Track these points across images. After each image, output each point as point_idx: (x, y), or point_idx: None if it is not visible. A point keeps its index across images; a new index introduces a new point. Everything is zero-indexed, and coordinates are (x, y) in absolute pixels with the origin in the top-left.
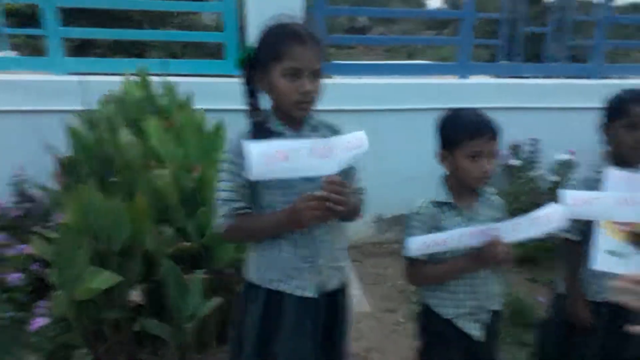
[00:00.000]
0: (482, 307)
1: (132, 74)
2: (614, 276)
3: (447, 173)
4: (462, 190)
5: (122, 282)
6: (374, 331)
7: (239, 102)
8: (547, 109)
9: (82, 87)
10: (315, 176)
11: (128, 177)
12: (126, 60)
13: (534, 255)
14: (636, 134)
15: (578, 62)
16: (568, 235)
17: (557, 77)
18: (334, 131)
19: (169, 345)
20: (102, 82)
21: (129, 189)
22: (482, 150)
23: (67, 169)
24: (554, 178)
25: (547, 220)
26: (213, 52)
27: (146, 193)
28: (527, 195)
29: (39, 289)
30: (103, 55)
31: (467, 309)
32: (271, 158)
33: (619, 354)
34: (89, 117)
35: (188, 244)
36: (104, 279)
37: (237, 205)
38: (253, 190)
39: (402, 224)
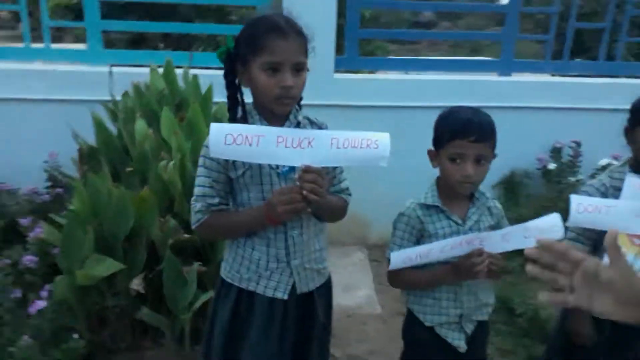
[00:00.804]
0: (466, 316)
1: (159, 66)
2: None
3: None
4: (451, 193)
5: (125, 270)
6: (380, 334)
7: None
8: (594, 109)
9: (110, 78)
10: (285, 165)
11: (141, 168)
12: (160, 52)
13: None
14: None
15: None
16: (577, 245)
17: (611, 76)
18: (319, 129)
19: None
20: (133, 74)
21: (141, 180)
22: (464, 153)
23: (88, 158)
24: None
25: (541, 230)
26: None
27: (154, 184)
28: (565, 202)
29: (53, 273)
30: (155, 48)
31: (450, 317)
32: (233, 139)
33: None
34: (114, 108)
35: (188, 235)
36: (107, 266)
37: (213, 201)
38: (231, 186)
39: None
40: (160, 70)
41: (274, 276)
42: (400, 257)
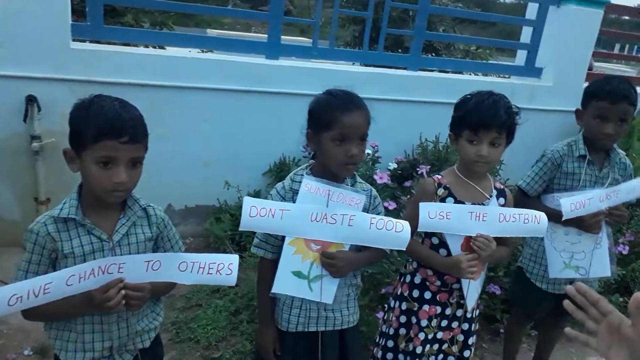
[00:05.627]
0: (119, 347)
1: None
2: (308, 304)
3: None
4: (97, 202)
5: None
6: None
7: None
8: None
9: None
10: None
11: None
12: None
13: None
14: (345, 147)
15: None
16: (261, 253)
17: (376, 65)
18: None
19: None
20: None
21: None
22: (116, 156)
23: None
24: None
25: (210, 267)
26: None
27: None
28: None
29: None
30: None
31: (96, 352)
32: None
33: None
34: None
35: None
36: None
37: None
38: None
39: (197, 215)
40: None
41: None
42: (6, 293)
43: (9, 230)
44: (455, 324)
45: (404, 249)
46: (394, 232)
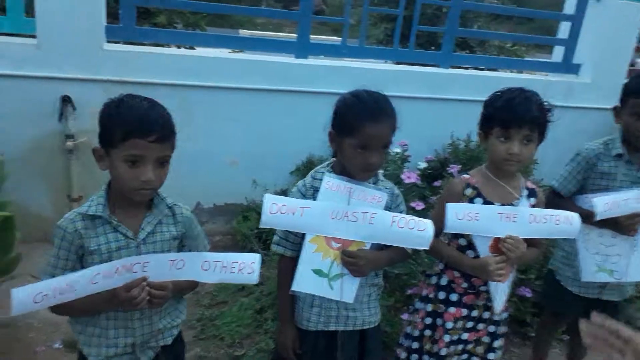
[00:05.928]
0: (141, 344)
1: None
2: (328, 303)
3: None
4: (124, 200)
5: None
6: None
7: None
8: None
9: None
10: None
11: None
12: None
13: None
14: (366, 155)
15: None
16: (281, 250)
17: (407, 63)
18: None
19: None
20: None
21: None
22: (144, 155)
23: None
24: None
25: (233, 266)
26: None
27: None
28: None
29: None
30: None
31: (119, 348)
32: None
33: None
34: None
35: None
36: None
37: None
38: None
39: (226, 214)
40: None
41: None
42: (31, 291)
43: (42, 226)
44: (481, 326)
45: (427, 249)
46: (416, 231)
